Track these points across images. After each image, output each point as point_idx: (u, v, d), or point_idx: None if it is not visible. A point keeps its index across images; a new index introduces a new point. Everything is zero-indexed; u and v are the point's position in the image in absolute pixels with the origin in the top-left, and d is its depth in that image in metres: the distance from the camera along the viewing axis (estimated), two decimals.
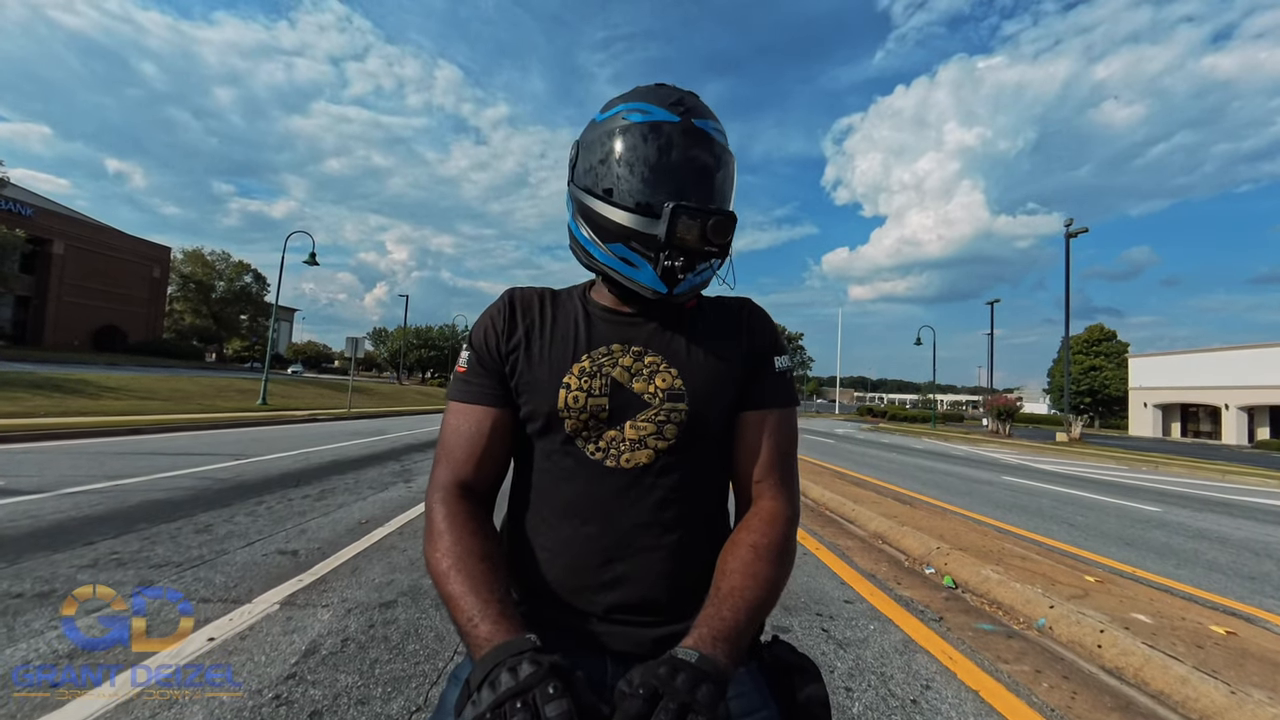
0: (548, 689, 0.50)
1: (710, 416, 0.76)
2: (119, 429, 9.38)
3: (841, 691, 2.25)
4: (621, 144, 0.73)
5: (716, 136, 0.76)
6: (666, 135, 0.72)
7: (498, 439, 0.77)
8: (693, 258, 0.72)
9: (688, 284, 0.75)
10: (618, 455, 0.74)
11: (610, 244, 0.75)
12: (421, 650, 2.38)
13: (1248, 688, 2.19)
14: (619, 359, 0.77)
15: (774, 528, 0.72)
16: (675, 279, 0.73)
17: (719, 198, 0.74)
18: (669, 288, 0.73)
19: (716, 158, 0.75)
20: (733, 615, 0.62)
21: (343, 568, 3.38)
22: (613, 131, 0.74)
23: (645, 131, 0.72)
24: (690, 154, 0.73)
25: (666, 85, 0.78)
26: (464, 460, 0.76)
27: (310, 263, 19.81)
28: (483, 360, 0.79)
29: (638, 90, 0.78)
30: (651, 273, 0.73)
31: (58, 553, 3.32)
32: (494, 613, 0.61)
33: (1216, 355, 37.74)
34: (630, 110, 0.75)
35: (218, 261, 51.28)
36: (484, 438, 0.76)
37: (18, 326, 37.43)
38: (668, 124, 0.73)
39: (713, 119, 0.77)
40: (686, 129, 0.73)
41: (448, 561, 0.66)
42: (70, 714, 1.87)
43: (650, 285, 0.73)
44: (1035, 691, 2.34)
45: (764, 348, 0.82)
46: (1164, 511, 7.71)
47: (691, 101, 0.76)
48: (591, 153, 0.76)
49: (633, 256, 0.73)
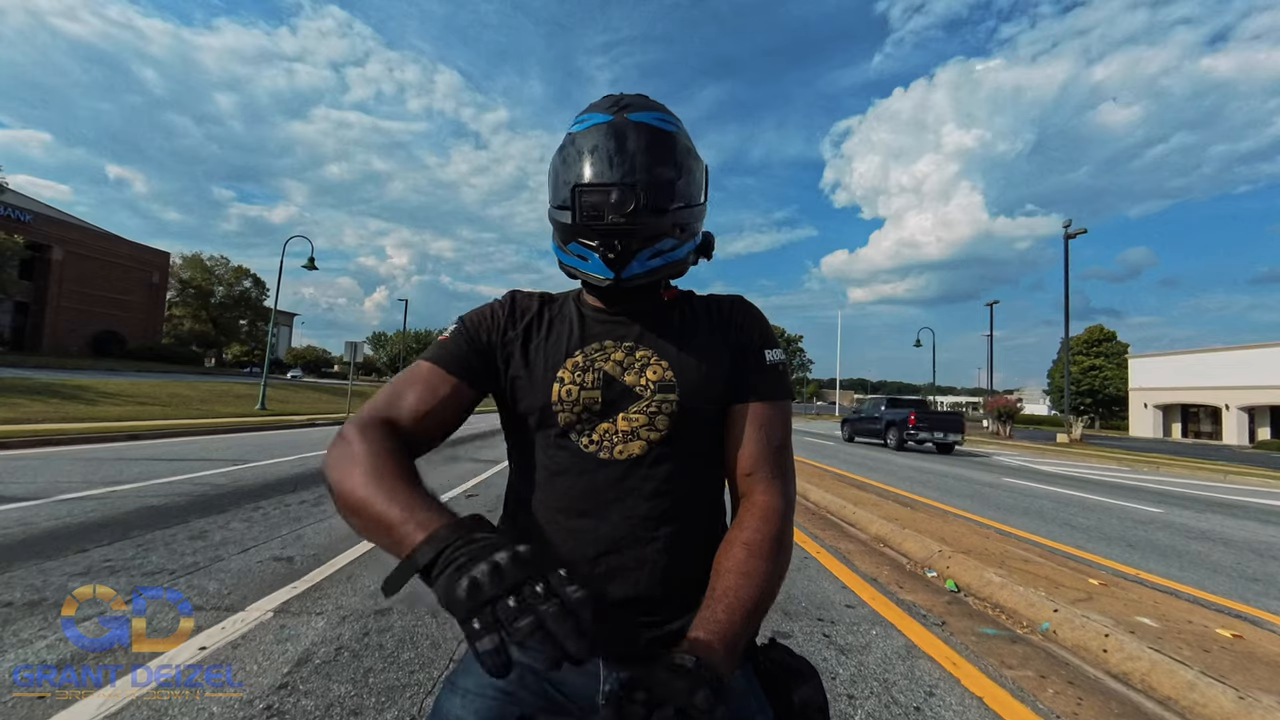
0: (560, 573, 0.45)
1: (701, 407, 0.77)
2: (116, 434, 9.35)
3: (844, 699, 2.21)
4: (564, 153, 0.77)
5: (655, 124, 0.76)
6: (597, 134, 0.74)
7: (449, 407, 0.76)
8: (610, 235, 0.72)
9: (637, 268, 0.75)
10: (611, 447, 0.74)
11: (569, 244, 0.77)
12: (416, 659, 2.35)
13: (1256, 692, 2.15)
14: (611, 354, 0.78)
15: (767, 523, 0.71)
16: (615, 263, 0.73)
17: (635, 174, 0.72)
18: (615, 272, 0.74)
19: (643, 140, 0.74)
20: (728, 617, 0.61)
21: (338, 574, 3.34)
22: (562, 146, 0.78)
23: (580, 136, 0.75)
24: (611, 142, 0.73)
25: (614, 94, 0.80)
26: (407, 409, 0.73)
27: (309, 267, 19.80)
28: (470, 337, 0.80)
29: (590, 105, 0.81)
30: (598, 261, 0.74)
31: (50, 560, 3.28)
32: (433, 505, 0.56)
33: (1217, 355, 37.74)
34: (576, 123, 0.78)
35: (217, 266, 51.33)
36: (436, 398, 0.75)
37: (16, 332, 37.40)
38: (601, 124, 0.75)
39: (656, 111, 0.78)
40: (617, 124, 0.74)
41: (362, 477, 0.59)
42: (70, 715, 1.87)
43: (598, 273, 0.75)
44: (1040, 698, 2.30)
45: (754, 341, 0.82)
46: (1166, 513, 7.67)
47: (634, 100, 0.78)
48: (550, 170, 0.80)
49: (584, 251, 0.75)
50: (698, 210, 0.80)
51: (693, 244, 0.82)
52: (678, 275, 0.83)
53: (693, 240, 0.81)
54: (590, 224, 0.71)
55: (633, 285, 0.76)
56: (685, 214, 0.77)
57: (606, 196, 0.70)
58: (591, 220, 0.70)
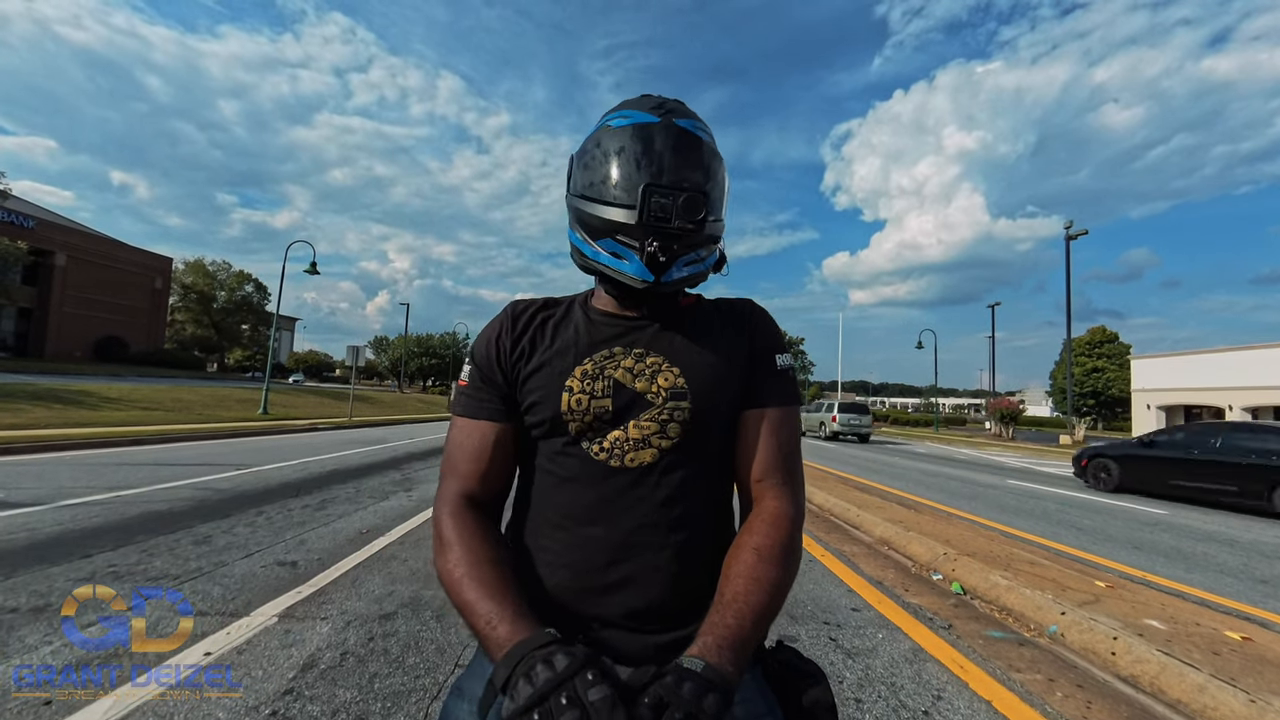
0: (587, 676, 0.51)
1: (713, 414, 0.76)
2: (120, 440, 9.36)
3: (851, 703, 2.20)
4: (606, 147, 0.76)
5: (699, 134, 0.77)
6: (647, 133, 0.75)
7: (501, 452, 0.79)
8: (670, 239, 0.72)
9: (675, 274, 0.75)
10: (622, 455, 0.74)
11: (600, 240, 0.76)
12: (422, 664, 2.34)
13: (1267, 695, 2.14)
14: (621, 361, 0.78)
15: (777, 529, 0.71)
16: (660, 266, 0.73)
17: (697, 181, 0.74)
18: (655, 275, 0.73)
19: (696, 149, 0.76)
20: (737, 622, 0.61)
21: (342, 579, 3.34)
22: (599, 139, 0.77)
23: (628, 132, 0.75)
24: (668, 145, 0.74)
25: (652, 95, 0.81)
26: (469, 474, 0.77)
27: (311, 272, 19.81)
28: (485, 374, 0.81)
29: (625, 102, 0.82)
30: (638, 262, 0.73)
31: (54, 566, 3.28)
32: (510, 613, 0.61)
33: (1220, 356, 37.57)
34: (615, 118, 0.78)
35: (219, 271, 51.40)
36: (487, 452, 0.78)
37: (19, 338, 37.48)
38: (649, 124, 0.75)
39: (696, 119, 0.79)
40: (667, 125, 0.75)
41: (460, 570, 0.67)
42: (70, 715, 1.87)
43: (638, 275, 0.74)
44: (1049, 701, 2.29)
45: (765, 346, 0.82)
46: (1171, 514, 7.64)
47: (674, 105, 0.79)
48: (582, 161, 0.80)
49: (620, 249, 0.74)
50: (723, 223, 0.81)
51: (715, 255, 0.82)
52: (699, 284, 0.83)
53: (717, 251, 0.82)
54: (657, 225, 0.71)
55: (666, 290, 0.76)
56: (718, 226, 0.79)
57: (676, 200, 0.70)
58: (659, 222, 0.70)
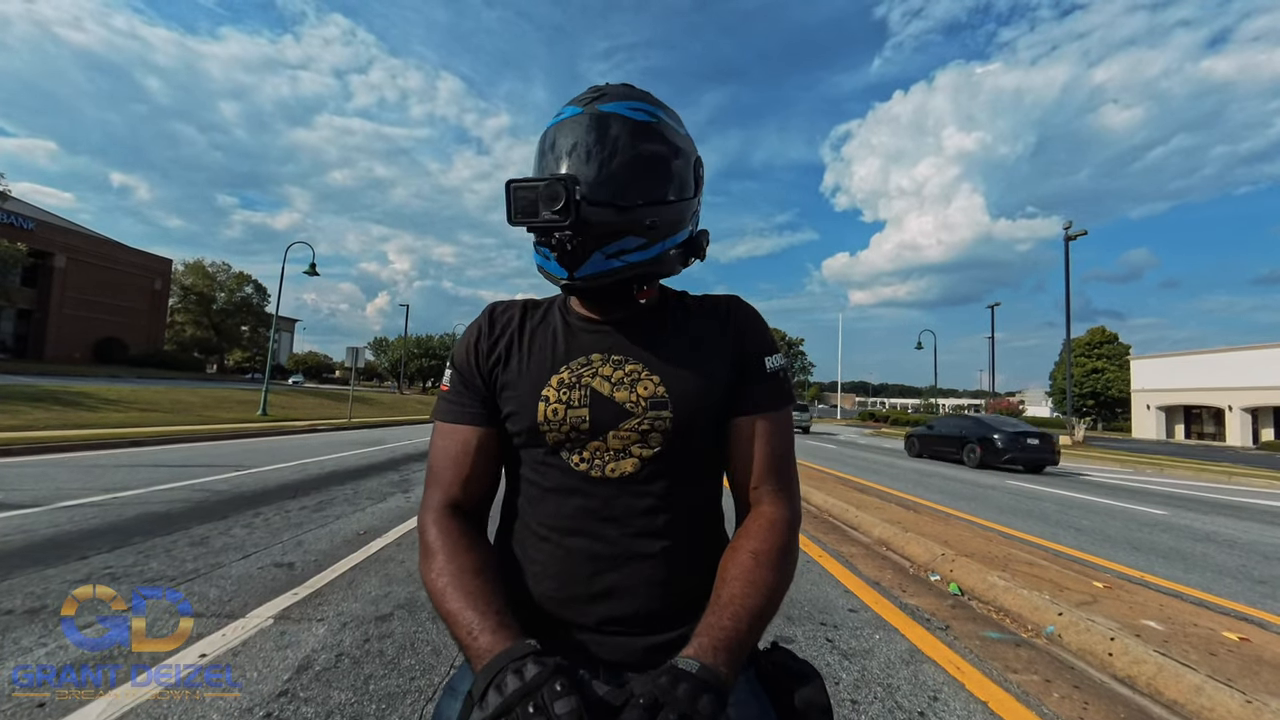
0: (554, 687, 0.51)
1: (696, 422, 0.73)
2: (118, 441, 9.35)
3: (847, 704, 2.19)
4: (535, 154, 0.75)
5: (625, 114, 0.71)
6: (556, 129, 0.72)
7: (484, 457, 0.77)
8: (549, 234, 0.68)
9: (596, 267, 0.70)
10: (602, 465, 0.72)
11: (536, 244, 0.74)
12: (417, 665, 2.34)
13: (1264, 696, 2.13)
14: (599, 369, 0.75)
15: (774, 533, 0.70)
16: (573, 261, 0.70)
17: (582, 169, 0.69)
18: (568, 270, 0.71)
19: (605, 134, 0.70)
20: (733, 624, 0.60)
21: (339, 580, 3.33)
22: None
23: (545, 133, 0.73)
24: (566, 137, 0.70)
25: (600, 85, 0.76)
26: (452, 481, 0.76)
27: (310, 273, 19.82)
28: (465, 378, 0.79)
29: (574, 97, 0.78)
30: (555, 261, 0.71)
31: (50, 568, 3.27)
32: (493, 624, 0.61)
33: (1219, 356, 37.64)
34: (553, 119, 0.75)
35: (218, 273, 51.44)
36: (469, 457, 0.76)
37: (19, 340, 37.52)
38: (565, 119, 0.72)
39: (633, 100, 0.72)
40: (578, 117, 0.71)
41: (444, 580, 0.66)
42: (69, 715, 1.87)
43: (555, 273, 0.72)
44: (1046, 702, 2.28)
45: (752, 348, 0.78)
46: (1170, 515, 7.64)
47: (610, 90, 0.74)
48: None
49: (545, 250, 0.72)
50: (676, 207, 0.74)
51: (670, 243, 0.75)
52: (658, 277, 0.78)
53: (670, 239, 0.75)
54: (524, 220, 0.67)
55: (594, 286, 0.73)
56: (654, 211, 0.71)
57: (537, 192, 0.66)
58: (525, 217, 0.67)
